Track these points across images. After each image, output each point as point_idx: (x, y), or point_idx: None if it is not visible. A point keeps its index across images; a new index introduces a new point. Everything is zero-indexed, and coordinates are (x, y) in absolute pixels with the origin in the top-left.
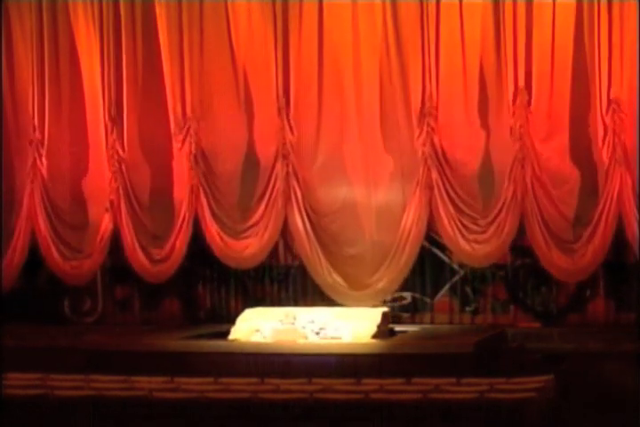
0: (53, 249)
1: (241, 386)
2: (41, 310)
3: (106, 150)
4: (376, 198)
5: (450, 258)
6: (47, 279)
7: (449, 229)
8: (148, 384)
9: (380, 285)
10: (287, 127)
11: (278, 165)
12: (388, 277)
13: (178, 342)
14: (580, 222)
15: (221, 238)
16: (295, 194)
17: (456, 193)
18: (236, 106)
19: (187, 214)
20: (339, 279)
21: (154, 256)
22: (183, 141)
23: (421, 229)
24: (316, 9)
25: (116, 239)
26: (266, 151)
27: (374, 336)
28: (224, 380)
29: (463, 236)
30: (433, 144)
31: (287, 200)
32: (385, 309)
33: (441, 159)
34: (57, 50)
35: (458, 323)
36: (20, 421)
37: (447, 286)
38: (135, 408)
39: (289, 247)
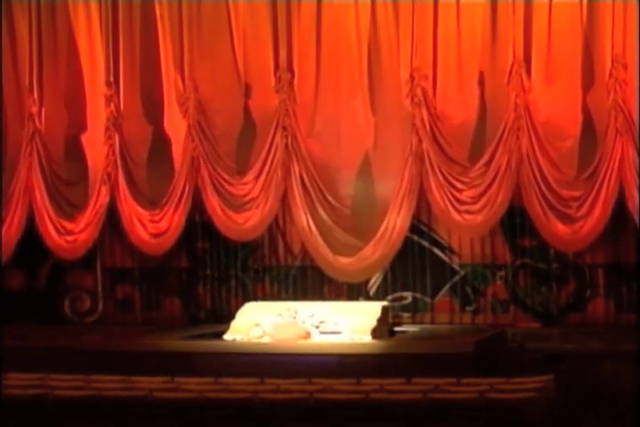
0: (49, 223)
1: (241, 386)
2: (41, 310)
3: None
4: (372, 168)
5: (450, 258)
6: (47, 279)
7: (440, 200)
8: (148, 384)
9: (373, 258)
10: (287, 98)
11: (277, 137)
12: (381, 250)
13: (178, 342)
14: (579, 192)
15: (222, 211)
16: (294, 165)
17: (447, 164)
18: (234, 77)
19: (187, 187)
20: (333, 252)
21: (153, 229)
22: (182, 113)
23: (412, 200)
24: None
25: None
26: (265, 123)
27: (374, 330)
28: (224, 380)
29: (454, 207)
30: (422, 115)
31: (286, 171)
32: (385, 303)
33: (428, 130)
34: (54, 21)
35: (458, 323)
36: (20, 421)
37: (447, 286)
38: (135, 408)
39: (289, 247)
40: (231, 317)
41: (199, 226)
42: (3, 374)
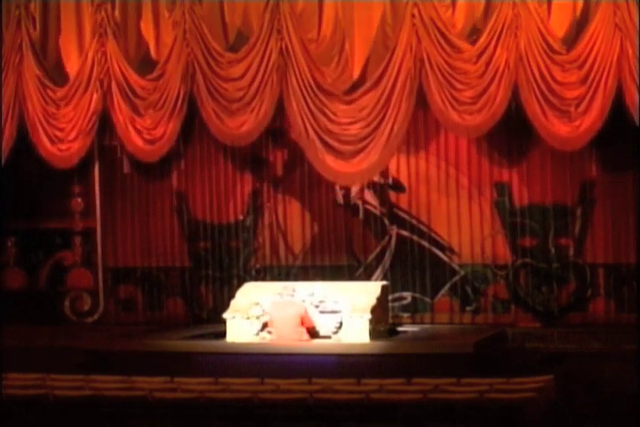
0: (41, 132)
1: (241, 386)
2: (41, 310)
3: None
4: (370, 71)
5: (450, 258)
6: (47, 279)
7: (439, 101)
8: (148, 384)
9: (372, 161)
10: (281, 1)
11: (272, 41)
12: (379, 153)
13: (178, 342)
14: (577, 90)
15: (217, 116)
16: (289, 69)
17: (447, 64)
18: None
19: (181, 92)
20: (331, 156)
21: (148, 136)
22: (176, 18)
23: (410, 103)
24: None
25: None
26: (259, 27)
27: (373, 309)
28: (224, 380)
29: (454, 107)
30: (421, 15)
31: (282, 76)
32: (384, 282)
33: (428, 30)
34: None
35: (458, 323)
36: (20, 421)
37: (447, 286)
38: (135, 408)
39: (290, 247)
40: None
41: (201, 226)
42: (3, 374)
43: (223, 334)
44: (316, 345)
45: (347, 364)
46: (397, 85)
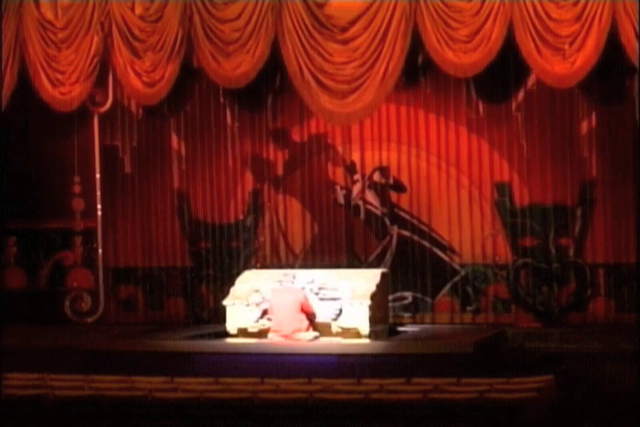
0: (42, 75)
1: (241, 386)
2: (41, 310)
3: None
4: (364, 9)
5: (450, 258)
6: (47, 279)
7: (434, 40)
8: (148, 384)
9: (366, 101)
10: None
11: None
12: (374, 93)
13: (178, 342)
14: (572, 26)
15: (214, 58)
16: (285, 9)
17: (442, 2)
18: None
19: (179, 34)
20: (326, 97)
21: (147, 79)
22: None
23: (406, 41)
24: None
25: None
26: None
27: (373, 295)
28: (224, 380)
29: (449, 46)
30: None
31: (277, 16)
32: (384, 270)
33: None
34: None
35: (458, 323)
36: (20, 421)
37: (448, 286)
38: (135, 408)
39: (290, 247)
40: None
41: (202, 226)
42: (3, 374)
43: (223, 334)
44: (316, 345)
45: (347, 364)
46: (392, 24)
